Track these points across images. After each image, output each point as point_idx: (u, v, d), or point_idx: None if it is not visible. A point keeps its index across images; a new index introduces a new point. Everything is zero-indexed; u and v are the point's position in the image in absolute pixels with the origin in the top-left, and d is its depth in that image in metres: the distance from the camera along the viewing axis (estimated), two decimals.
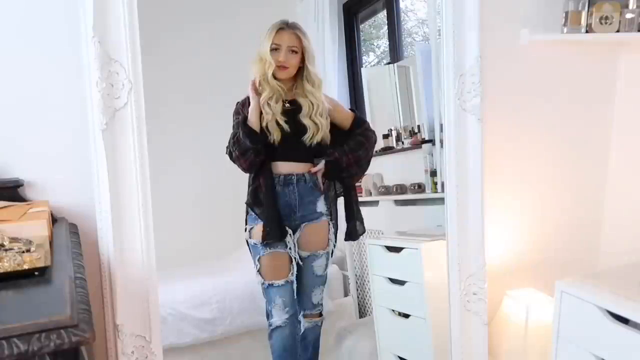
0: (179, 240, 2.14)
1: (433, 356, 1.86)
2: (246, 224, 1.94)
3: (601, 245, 1.97)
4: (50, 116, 1.32)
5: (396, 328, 2.05)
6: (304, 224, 1.94)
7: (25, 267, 0.83)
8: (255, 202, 1.90)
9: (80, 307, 0.70)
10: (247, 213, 1.95)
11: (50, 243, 1.00)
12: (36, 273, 0.84)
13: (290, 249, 1.91)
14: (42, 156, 1.32)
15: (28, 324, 0.62)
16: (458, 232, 1.62)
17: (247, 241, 1.93)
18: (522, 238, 1.84)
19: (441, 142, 1.74)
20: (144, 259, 1.32)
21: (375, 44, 2.74)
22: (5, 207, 1.15)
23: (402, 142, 2.29)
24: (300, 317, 2.02)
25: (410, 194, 2.17)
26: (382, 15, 2.52)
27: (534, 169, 1.84)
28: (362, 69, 2.57)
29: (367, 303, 2.44)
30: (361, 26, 2.63)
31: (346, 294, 2.51)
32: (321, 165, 1.93)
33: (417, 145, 2.18)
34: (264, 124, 1.84)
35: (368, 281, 2.30)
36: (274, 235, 1.86)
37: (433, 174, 2.04)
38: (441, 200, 1.70)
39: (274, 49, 1.84)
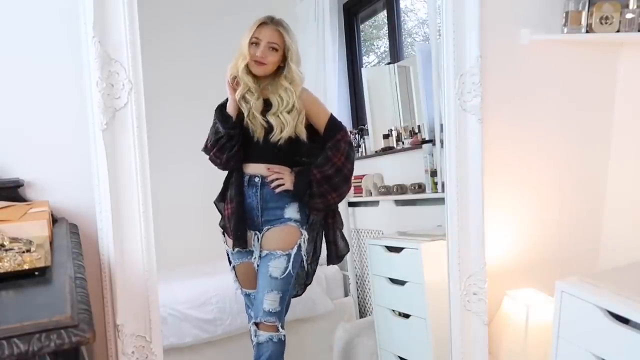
0: (179, 240, 2.14)
1: (433, 356, 1.86)
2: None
3: (601, 245, 1.97)
4: (50, 116, 1.32)
5: (396, 328, 2.05)
6: (266, 228, 1.82)
7: (26, 267, 0.83)
8: (221, 198, 1.86)
9: (81, 307, 0.70)
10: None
11: (51, 243, 1.00)
12: (36, 273, 0.84)
13: (255, 258, 1.83)
14: (42, 156, 1.32)
15: (28, 324, 0.62)
16: (458, 232, 1.63)
17: (225, 243, 1.91)
18: (522, 238, 1.84)
19: (441, 142, 1.74)
20: (144, 259, 1.33)
21: (375, 44, 2.74)
22: (5, 207, 1.15)
23: (403, 142, 2.29)
24: (252, 326, 1.79)
25: (410, 194, 2.17)
26: (382, 16, 2.52)
27: (534, 169, 1.84)
28: (362, 69, 2.56)
29: (367, 303, 2.43)
30: (361, 26, 2.62)
31: (346, 294, 2.51)
32: (284, 175, 1.80)
33: (417, 145, 2.18)
34: (244, 122, 1.76)
35: (368, 281, 2.30)
36: (241, 239, 1.80)
37: (433, 174, 2.04)
38: (441, 200, 1.70)
39: (254, 43, 1.74)
